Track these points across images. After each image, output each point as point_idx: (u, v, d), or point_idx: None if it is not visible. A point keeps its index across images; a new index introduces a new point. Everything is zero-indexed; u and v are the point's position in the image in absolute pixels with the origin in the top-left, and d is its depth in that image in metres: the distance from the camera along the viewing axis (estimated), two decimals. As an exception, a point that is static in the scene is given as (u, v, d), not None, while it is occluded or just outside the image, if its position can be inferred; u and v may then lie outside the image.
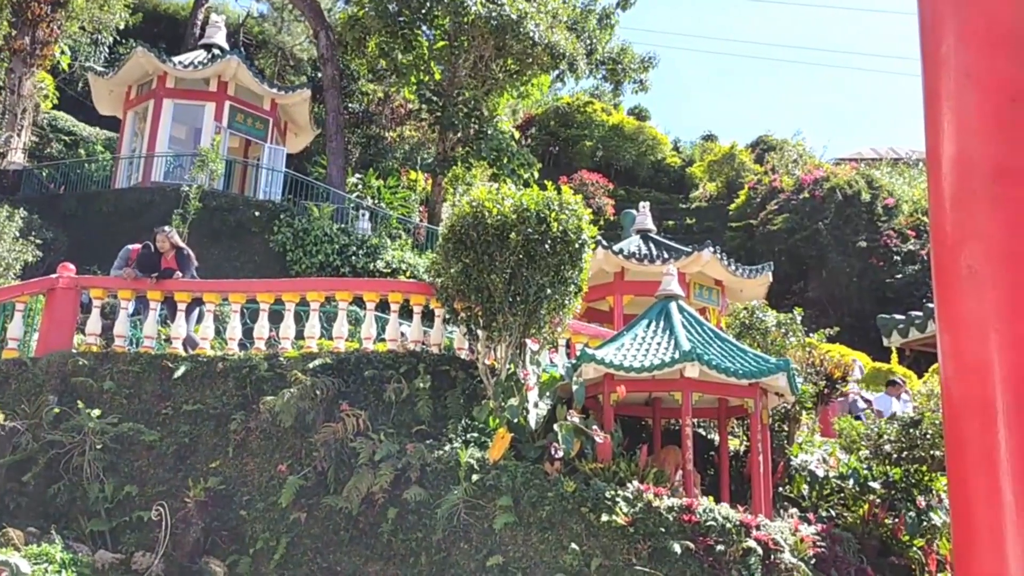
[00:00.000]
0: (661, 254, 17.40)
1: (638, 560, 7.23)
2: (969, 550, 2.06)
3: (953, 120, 2.20)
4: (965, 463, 2.09)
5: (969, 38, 2.21)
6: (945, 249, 2.18)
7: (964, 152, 2.17)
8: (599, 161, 36.46)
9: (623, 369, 8.52)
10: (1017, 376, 1.97)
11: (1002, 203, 2.04)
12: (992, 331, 2.01)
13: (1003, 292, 2.01)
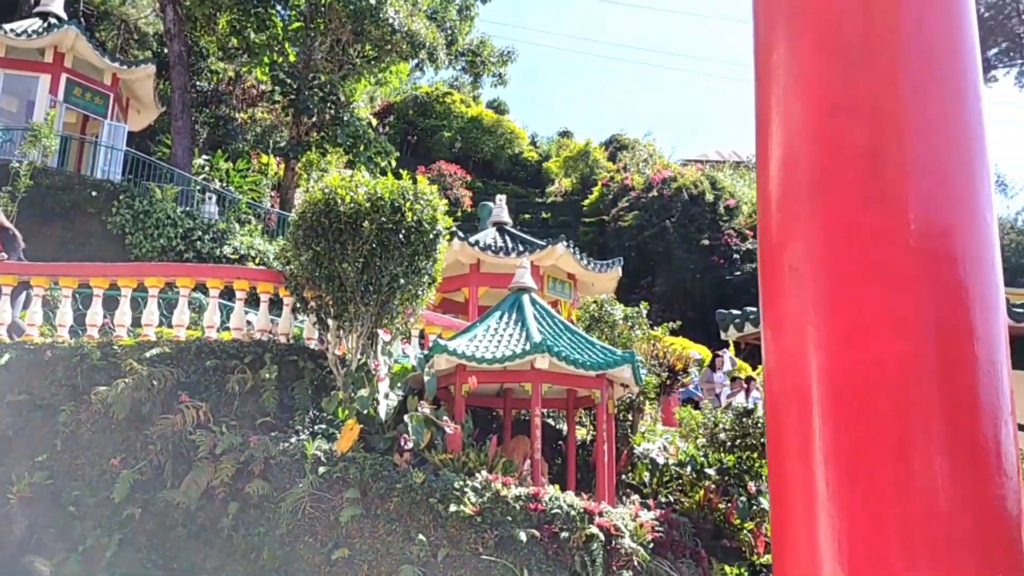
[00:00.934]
0: (516, 247, 17.58)
1: (485, 549, 7.30)
2: (785, 532, 2.17)
3: (780, 126, 2.31)
4: (783, 451, 2.20)
5: (798, 49, 2.33)
6: (770, 249, 2.29)
7: (789, 158, 2.28)
8: (457, 152, 36.47)
9: (475, 360, 8.56)
10: (831, 370, 2.10)
11: (821, 207, 2.17)
12: (810, 327, 2.13)
13: (820, 291, 2.14)
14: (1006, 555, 2.08)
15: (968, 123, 2.29)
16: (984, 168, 2.28)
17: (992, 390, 2.15)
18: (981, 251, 2.20)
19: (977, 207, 2.23)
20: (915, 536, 2.04)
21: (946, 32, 2.33)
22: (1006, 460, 2.13)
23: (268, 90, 26.33)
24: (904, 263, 2.15)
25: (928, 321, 2.13)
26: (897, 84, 2.24)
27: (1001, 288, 2.24)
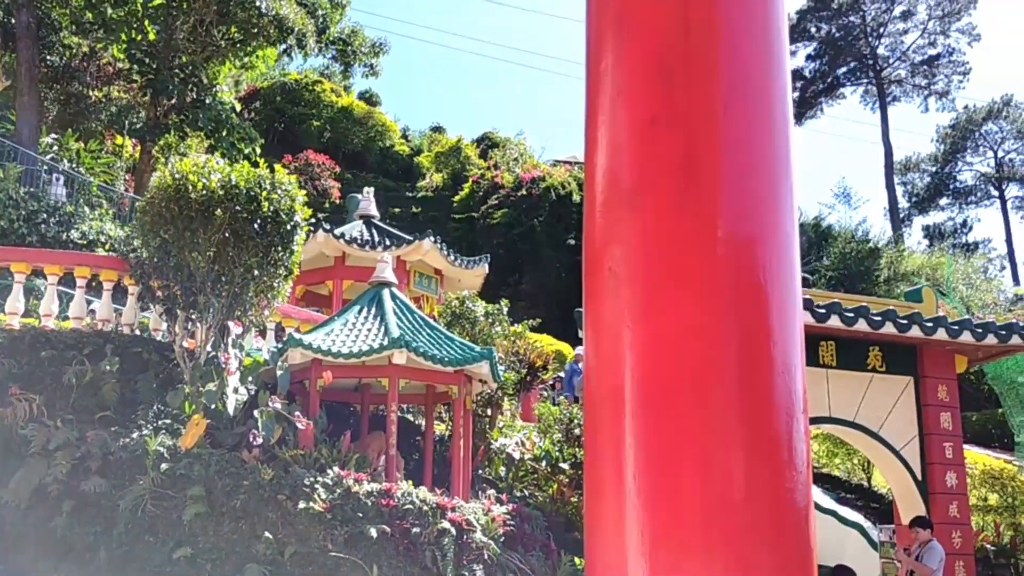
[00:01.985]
0: (383, 241, 17.42)
1: (334, 546, 7.22)
2: (597, 526, 2.26)
3: (606, 134, 2.40)
4: (597, 448, 2.29)
5: (623, 60, 2.43)
6: (592, 252, 2.37)
7: (612, 165, 2.37)
8: (327, 142, 35.76)
9: (331, 355, 8.45)
10: (643, 370, 2.19)
11: (638, 213, 2.26)
12: (625, 329, 2.22)
13: (635, 294, 2.23)
14: (795, 542, 2.24)
15: (775, 141, 2.45)
16: (787, 183, 2.44)
17: (786, 390, 2.31)
18: (782, 260, 2.36)
19: (780, 219, 2.39)
20: (712, 525, 2.17)
21: (759, 56, 2.48)
22: (797, 455, 2.29)
23: (125, 68, 25.06)
24: (711, 270, 2.27)
25: (730, 325, 2.26)
26: (711, 101, 2.37)
27: (798, 295, 2.40)
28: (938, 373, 11.66)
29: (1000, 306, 27.57)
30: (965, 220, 46.99)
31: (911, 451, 11.40)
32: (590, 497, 2.36)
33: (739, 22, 2.46)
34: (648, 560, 2.18)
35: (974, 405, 20.24)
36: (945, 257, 33.39)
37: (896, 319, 10.78)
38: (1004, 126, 43.99)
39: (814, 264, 34.60)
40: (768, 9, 2.53)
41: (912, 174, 46.15)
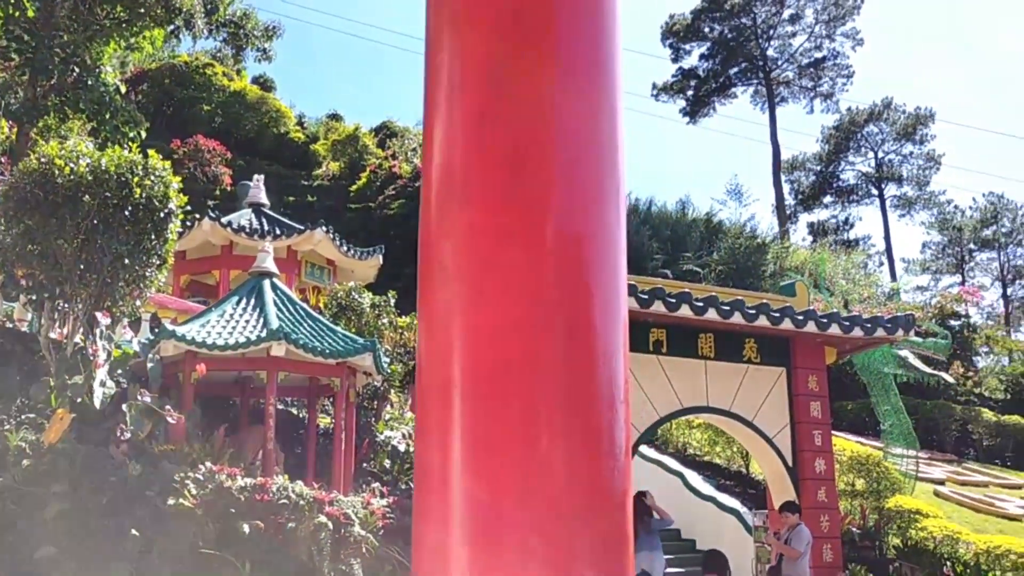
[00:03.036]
0: (272, 230, 17.06)
1: (205, 543, 7.06)
2: (424, 512, 2.29)
3: (441, 129, 2.43)
4: (427, 436, 2.31)
5: (456, 55, 2.45)
6: (426, 246, 2.40)
7: (446, 159, 2.40)
8: (218, 127, 34.70)
9: (206, 346, 8.24)
10: (470, 361, 2.23)
11: (468, 208, 2.30)
12: (454, 321, 2.25)
13: (464, 287, 2.26)
14: (612, 525, 2.33)
15: (604, 139, 2.52)
16: (615, 181, 2.52)
17: (608, 381, 2.40)
18: (607, 256, 2.44)
19: (607, 216, 2.46)
20: (533, 510, 2.23)
21: (590, 53, 2.55)
22: (616, 442, 2.38)
23: (2, 46, 23.73)
24: (537, 265, 2.33)
25: (555, 318, 2.32)
26: (540, 97, 2.43)
27: (623, 289, 2.49)
28: (809, 364, 12.20)
29: (877, 300, 28.94)
30: (847, 218, 49.23)
31: (783, 439, 11.90)
32: (419, 483, 2.39)
33: (571, 19, 2.52)
34: (470, 545, 2.23)
35: (849, 395, 21.20)
36: (826, 252, 34.90)
37: (769, 312, 11.22)
38: (884, 128, 46.23)
39: (705, 258, 35.56)
40: (601, 6, 2.60)
41: (798, 173, 48.03)
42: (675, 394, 11.39)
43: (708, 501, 13.66)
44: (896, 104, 45.43)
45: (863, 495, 13.12)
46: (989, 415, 22.78)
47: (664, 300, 10.69)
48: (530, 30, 2.45)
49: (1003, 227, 46.89)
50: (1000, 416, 22.91)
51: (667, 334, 11.44)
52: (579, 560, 2.24)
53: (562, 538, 2.22)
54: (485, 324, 2.31)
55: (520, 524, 2.21)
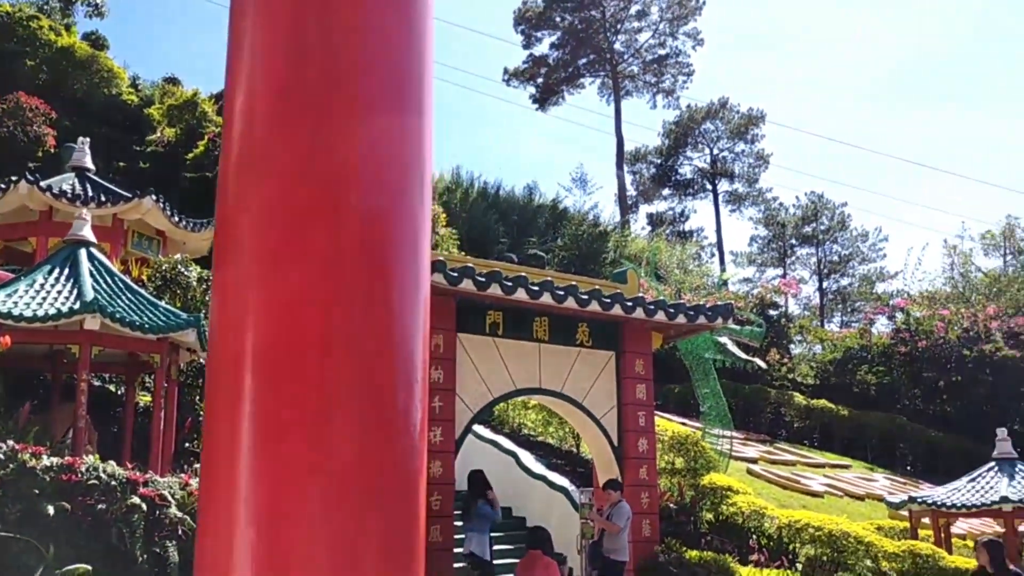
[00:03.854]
0: (97, 196, 16.06)
1: (6, 525, 6.62)
2: (210, 495, 2.24)
3: (242, 105, 2.38)
4: (216, 413, 2.27)
5: (259, 26, 2.40)
6: (223, 218, 2.35)
7: (246, 132, 2.36)
8: (43, 85, 32.17)
9: (11, 318, 7.70)
10: (263, 336, 2.21)
11: (266, 182, 2.26)
12: (248, 295, 2.22)
13: (260, 261, 2.23)
14: (404, 502, 2.37)
15: (410, 120, 2.54)
16: (420, 161, 2.54)
17: (405, 360, 2.43)
18: (409, 235, 2.46)
19: (409, 196, 2.49)
20: (324, 488, 2.23)
21: (399, 31, 2.55)
22: (411, 422, 2.42)
23: None
24: (336, 241, 2.32)
25: (353, 296, 2.33)
26: (346, 77, 2.42)
27: (425, 269, 2.52)
28: (636, 348, 12.73)
29: (707, 289, 30.40)
30: (683, 210, 51.53)
31: (610, 420, 12.38)
32: (206, 461, 2.34)
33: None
34: (256, 526, 2.21)
35: (676, 378, 22.24)
36: (663, 243, 36.40)
37: (601, 298, 11.62)
38: (720, 126, 48.62)
39: (550, 244, 36.30)
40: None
41: (640, 164, 49.81)
42: (509, 375, 11.61)
43: (539, 480, 14.03)
44: (731, 104, 47.84)
45: (682, 473, 13.85)
46: (800, 399, 24.52)
47: (501, 283, 10.86)
48: (339, 2, 2.43)
49: (822, 225, 50.39)
50: (809, 400, 24.71)
51: (504, 317, 11.64)
52: (367, 540, 2.26)
53: (350, 518, 2.24)
54: (280, 299, 2.29)
55: (308, 504, 2.21)
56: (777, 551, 12.32)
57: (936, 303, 30.02)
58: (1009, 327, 25.40)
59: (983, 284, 31.82)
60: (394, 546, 2.32)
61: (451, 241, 21.15)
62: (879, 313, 30.13)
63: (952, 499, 13.47)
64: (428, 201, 2.56)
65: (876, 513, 16.11)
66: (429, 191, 2.58)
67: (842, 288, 50.31)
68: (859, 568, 12.43)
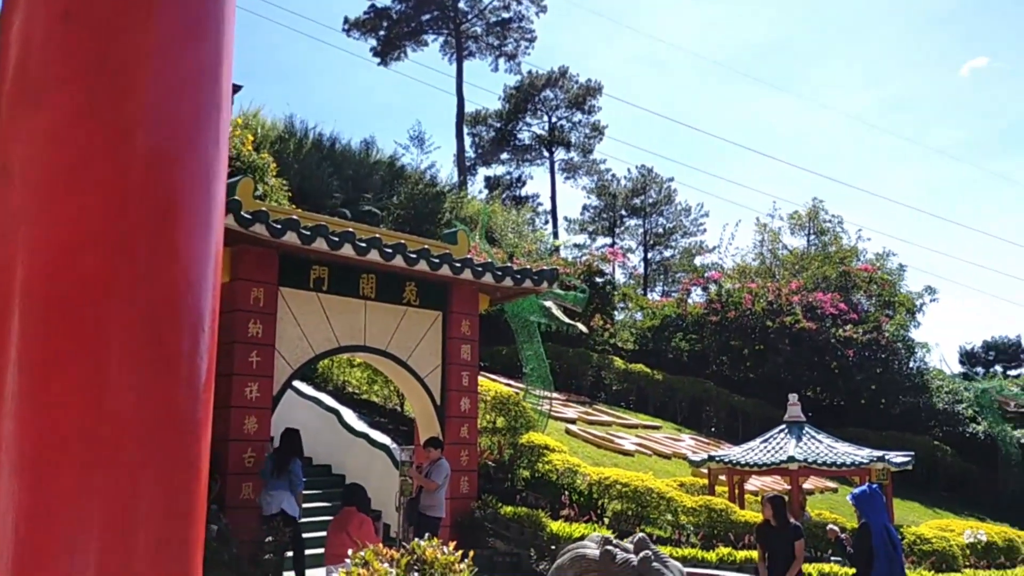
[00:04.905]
0: None
1: None
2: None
3: (20, 23, 2.19)
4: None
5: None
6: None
7: (23, 58, 2.18)
8: None
9: None
10: (36, 276, 2.07)
11: (43, 112, 2.10)
12: (18, 232, 2.07)
13: (34, 196, 2.09)
14: (184, 454, 2.29)
15: (208, 57, 2.43)
16: (218, 103, 2.44)
17: (193, 307, 2.34)
18: (201, 178, 2.36)
19: (205, 138, 2.38)
20: (98, 434, 2.13)
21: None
22: (197, 372, 2.34)
23: None
24: (121, 180, 2.19)
25: (136, 239, 2.21)
26: (137, 3, 2.27)
27: (219, 217, 2.43)
28: (463, 309, 12.88)
29: (540, 254, 31.07)
30: (520, 175, 52.27)
31: (434, 379, 12.50)
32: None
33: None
34: (20, 477, 2.08)
35: (504, 340, 22.68)
36: (499, 206, 36.80)
37: (429, 258, 11.64)
38: (559, 95, 49.46)
39: (386, 201, 35.90)
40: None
41: (480, 127, 49.97)
42: (333, 332, 11.46)
43: (361, 438, 14.00)
44: (571, 74, 48.73)
45: (502, 432, 14.20)
46: (619, 363, 25.65)
47: (327, 238, 10.66)
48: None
49: (650, 198, 52.53)
50: (628, 364, 25.89)
51: (329, 272, 11.45)
52: (142, 491, 2.18)
53: (124, 469, 2.15)
54: (56, 238, 2.14)
55: (78, 453, 2.11)
56: (587, 506, 12.91)
57: (746, 277, 32.10)
58: (808, 301, 27.53)
59: (788, 261, 34.28)
60: (172, 498, 2.25)
61: (281, 192, 20.44)
62: (695, 284, 31.86)
63: (746, 458, 14.55)
64: (224, 143, 2.47)
65: (680, 471, 17.16)
66: (226, 133, 2.49)
67: (665, 259, 52.78)
68: (661, 522, 13.23)
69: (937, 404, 28.17)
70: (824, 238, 35.52)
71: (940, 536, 13.94)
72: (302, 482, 10.04)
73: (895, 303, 31.10)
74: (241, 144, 19.93)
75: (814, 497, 18.23)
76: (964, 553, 13.93)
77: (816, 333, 26.46)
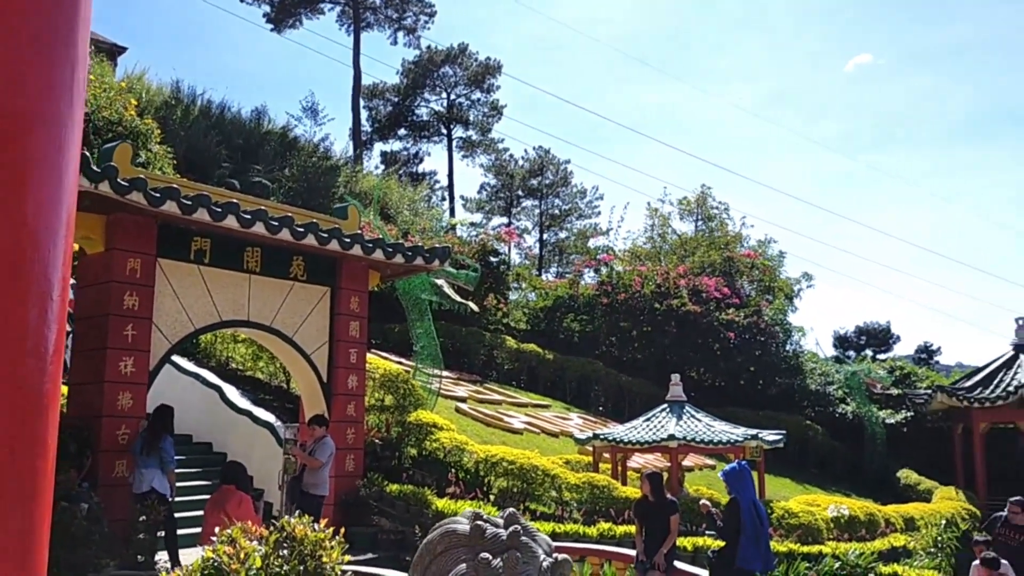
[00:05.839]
0: None
1: None
2: None
3: None
4: None
5: None
6: None
7: None
8: None
9: None
10: None
11: None
12: None
13: None
14: (29, 428, 2.20)
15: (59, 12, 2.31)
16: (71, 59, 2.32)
17: (39, 275, 2.23)
18: (51, 138, 2.24)
19: (56, 98, 2.26)
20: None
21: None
22: (44, 342, 2.24)
23: None
24: (-40, 140, 2.07)
25: (-23, 201, 2.10)
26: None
27: (72, 182, 2.32)
28: (353, 286, 12.71)
29: (435, 232, 30.95)
30: (418, 152, 51.82)
31: (320, 356, 12.31)
32: None
33: None
34: None
35: (397, 318, 22.52)
36: (395, 182, 36.41)
37: (318, 232, 11.43)
38: (458, 71, 49.18)
39: (277, 173, 35.02)
40: None
41: (377, 101, 49.25)
42: (215, 306, 11.14)
43: (244, 415, 13.69)
44: (471, 51, 48.53)
45: (390, 410, 14.13)
46: (512, 342, 25.87)
47: (209, 208, 10.33)
48: None
49: (546, 179, 52.98)
50: (520, 344, 26.15)
51: (212, 244, 11.11)
52: (-17, 466, 2.07)
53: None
54: None
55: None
56: (473, 484, 13.01)
57: (637, 260, 32.83)
58: (694, 285, 28.38)
59: (676, 245, 35.22)
60: (14, 476, 2.15)
61: (166, 160, 19.66)
62: (588, 266, 32.38)
63: (629, 436, 14.94)
64: (80, 105, 2.35)
65: (567, 449, 17.49)
66: (81, 94, 2.37)
67: (560, 241, 53.40)
68: (545, 498, 13.47)
69: (810, 385, 29.55)
70: (711, 224, 36.62)
71: (807, 511, 14.68)
72: (173, 460, 9.75)
73: (775, 288, 32.38)
74: (123, 109, 19.05)
75: (693, 474, 18.89)
76: (828, 526, 14.71)
77: (701, 316, 27.32)
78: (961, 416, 25.51)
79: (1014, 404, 24.02)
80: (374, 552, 11.24)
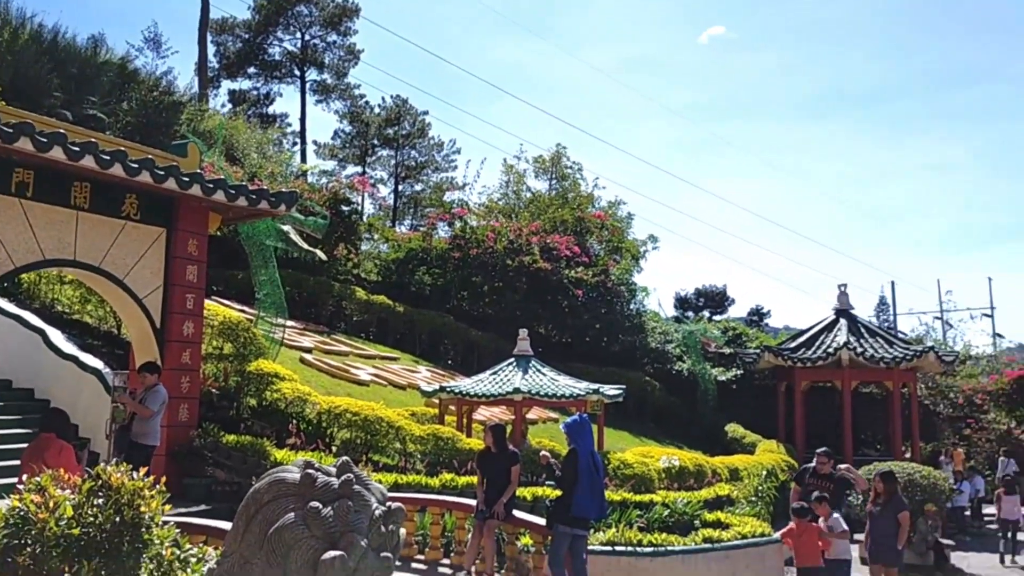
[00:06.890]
0: None
1: None
2: None
3: None
4: None
5: None
6: None
7: None
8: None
9: None
10: None
11: None
12: None
13: None
14: None
15: None
16: None
17: None
18: None
19: None
20: None
21: None
22: None
23: None
24: None
25: None
26: None
27: None
28: (191, 227, 12.10)
29: (285, 177, 29.93)
30: (269, 92, 49.72)
31: (154, 300, 11.70)
32: None
33: None
34: None
35: (242, 264, 21.71)
36: (242, 123, 34.87)
37: (154, 169, 10.77)
38: (313, 12, 47.34)
39: (114, 106, 32.82)
40: None
41: (226, 36, 46.76)
42: (38, 244, 10.38)
43: (69, 360, 12.86)
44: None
45: (229, 359, 13.66)
46: (361, 294, 25.49)
47: (33, 137, 9.54)
48: None
49: (403, 130, 52.17)
50: (370, 295, 25.80)
51: (35, 177, 10.30)
52: None
53: None
54: None
55: None
56: (315, 435, 12.80)
57: (491, 215, 32.97)
58: (546, 243, 28.81)
59: (529, 203, 35.59)
60: None
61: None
62: (442, 219, 32.23)
63: (475, 389, 15.10)
64: None
65: (414, 401, 17.49)
66: None
67: (416, 193, 52.88)
68: (389, 450, 13.44)
69: (651, 344, 30.76)
70: (564, 183, 37.17)
71: (641, 462, 15.34)
72: None
73: (622, 249, 33.33)
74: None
75: (537, 426, 19.35)
76: (660, 477, 15.44)
77: (551, 273, 27.79)
78: (785, 375, 27.24)
79: (833, 364, 25.85)
80: (208, 503, 10.89)
